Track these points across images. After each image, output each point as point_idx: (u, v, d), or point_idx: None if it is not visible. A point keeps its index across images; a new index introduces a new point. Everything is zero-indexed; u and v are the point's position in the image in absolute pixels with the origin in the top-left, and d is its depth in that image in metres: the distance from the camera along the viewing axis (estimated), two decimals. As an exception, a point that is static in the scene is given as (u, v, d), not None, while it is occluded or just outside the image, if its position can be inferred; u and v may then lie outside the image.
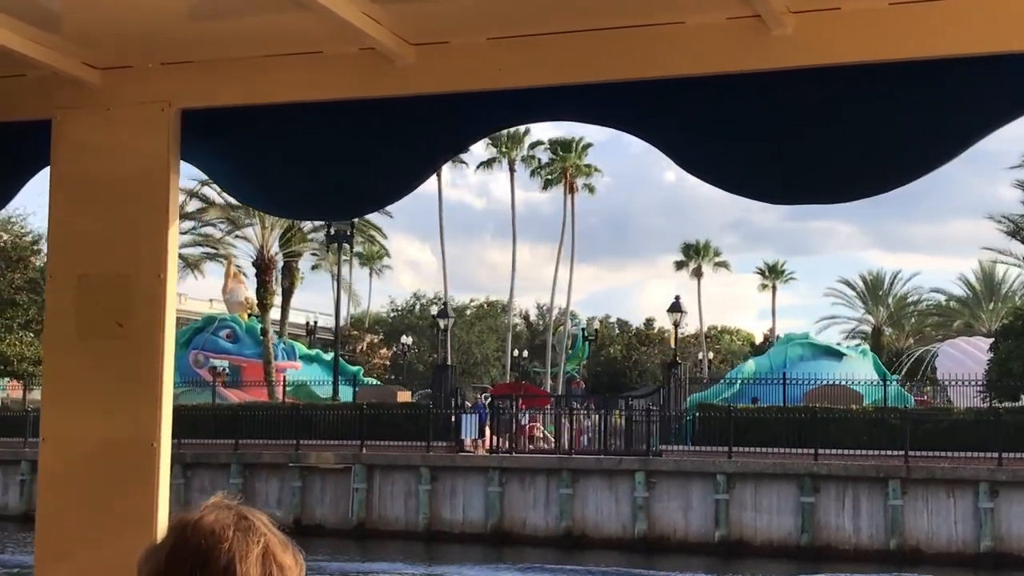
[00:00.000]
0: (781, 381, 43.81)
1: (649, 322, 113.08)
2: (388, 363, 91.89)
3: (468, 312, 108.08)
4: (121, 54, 3.31)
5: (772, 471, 35.58)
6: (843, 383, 43.77)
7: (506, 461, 38.90)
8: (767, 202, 3.08)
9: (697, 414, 41.65)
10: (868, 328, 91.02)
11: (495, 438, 42.38)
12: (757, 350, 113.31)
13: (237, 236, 56.37)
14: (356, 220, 53.18)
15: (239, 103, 3.32)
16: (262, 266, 53.18)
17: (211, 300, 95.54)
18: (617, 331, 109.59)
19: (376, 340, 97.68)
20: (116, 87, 3.36)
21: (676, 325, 49.37)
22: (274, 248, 53.37)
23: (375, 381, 63.96)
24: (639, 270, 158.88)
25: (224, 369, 57.62)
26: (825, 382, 45.75)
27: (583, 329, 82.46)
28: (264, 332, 53.58)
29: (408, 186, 3.29)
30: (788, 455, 36.17)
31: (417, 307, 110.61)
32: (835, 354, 56.71)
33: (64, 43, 3.24)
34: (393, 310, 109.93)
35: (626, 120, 3.11)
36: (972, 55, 2.74)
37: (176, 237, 3.33)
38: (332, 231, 49.26)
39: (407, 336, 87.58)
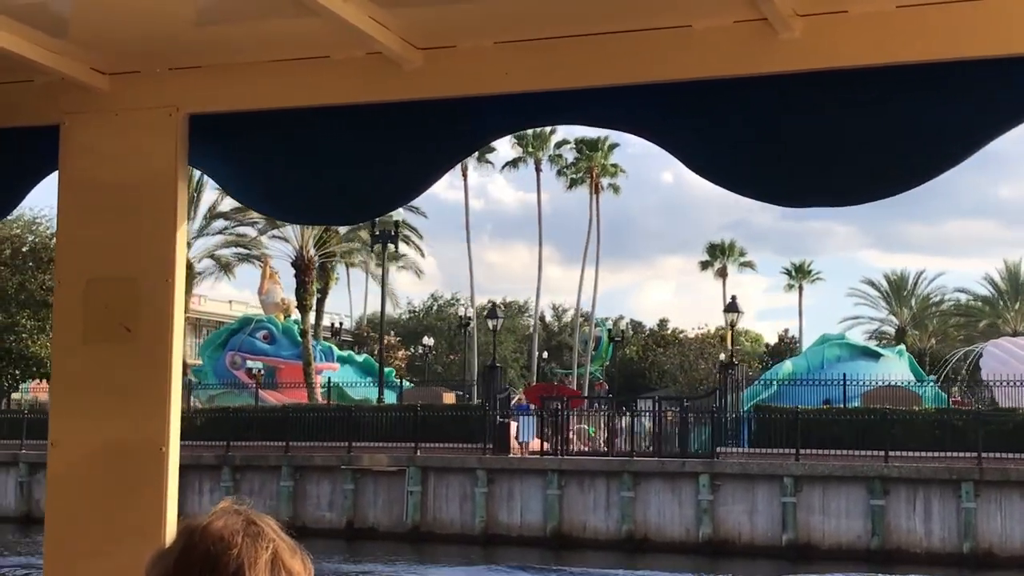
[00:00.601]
0: (840, 382, 43.31)
1: (663, 323, 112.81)
2: (403, 365, 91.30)
3: (484, 312, 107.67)
4: (129, 59, 3.32)
5: (841, 473, 35.11)
6: (899, 384, 43.36)
7: (565, 464, 38.41)
8: (775, 204, 3.09)
9: (753, 415, 41.14)
10: (890, 328, 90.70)
11: (541, 440, 41.93)
12: (773, 351, 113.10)
13: (273, 236, 55.87)
14: (399, 219, 52.71)
15: (246, 108, 3.34)
16: (301, 266, 52.73)
17: (231, 301, 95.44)
18: (632, 332, 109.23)
19: (394, 341, 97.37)
20: (124, 92, 3.37)
21: (732, 326, 49.03)
22: (313, 248, 52.82)
23: (407, 383, 63.49)
24: (637, 271, 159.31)
25: (260, 370, 57.20)
26: (881, 383, 45.38)
27: (609, 330, 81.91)
28: (304, 333, 53.16)
29: (416, 190, 3.33)
30: (855, 457, 35.68)
31: (434, 308, 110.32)
32: (872, 355, 56.44)
33: (72, 48, 3.25)
34: (409, 311, 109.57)
35: (633, 124, 3.11)
36: (979, 58, 2.73)
37: (184, 241, 3.35)
38: (377, 231, 48.72)
39: (428, 337, 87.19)
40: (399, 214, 50.66)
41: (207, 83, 3.33)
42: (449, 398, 49.22)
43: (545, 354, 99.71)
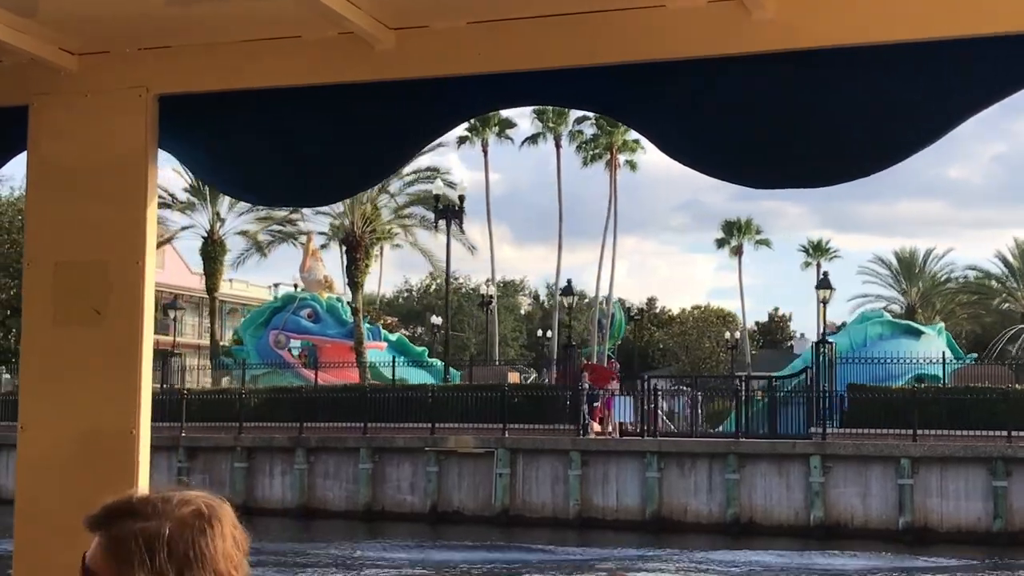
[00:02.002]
0: (887, 360, 42.65)
1: (651, 301, 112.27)
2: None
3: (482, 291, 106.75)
4: (98, 39, 3.29)
5: (962, 454, 34.41)
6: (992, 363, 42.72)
7: (665, 445, 37.52)
8: (748, 186, 3.04)
9: (847, 395, 40.38)
10: (897, 307, 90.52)
11: (619, 422, 41.06)
12: (764, 330, 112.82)
13: (318, 212, 54.50)
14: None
15: (217, 88, 3.28)
16: (352, 243, 51.37)
17: (230, 280, 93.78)
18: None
19: (394, 322, 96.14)
20: (93, 73, 3.34)
21: (824, 303, 48.16)
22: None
23: (437, 362, 62.32)
24: (591, 251, 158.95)
25: (303, 349, 55.91)
26: (926, 362, 44.97)
27: (628, 308, 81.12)
28: (355, 312, 51.89)
29: (388, 170, 3.36)
30: (975, 438, 34.98)
31: (432, 288, 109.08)
32: (914, 332, 56.02)
33: (40, 28, 3.22)
34: (406, 290, 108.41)
35: (607, 105, 3.11)
36: (955, 37, 2.71)
37: (155, 223, 3.30)
38: (440, 206, 47.47)
39: (435, 316, 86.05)
40: (461, 188, 49.33)
41: (177, 63, 3.29)
42: (514, 377, 48.18)
43: (549, 333, 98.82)
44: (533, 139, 77.59)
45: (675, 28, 2.92)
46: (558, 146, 77.21)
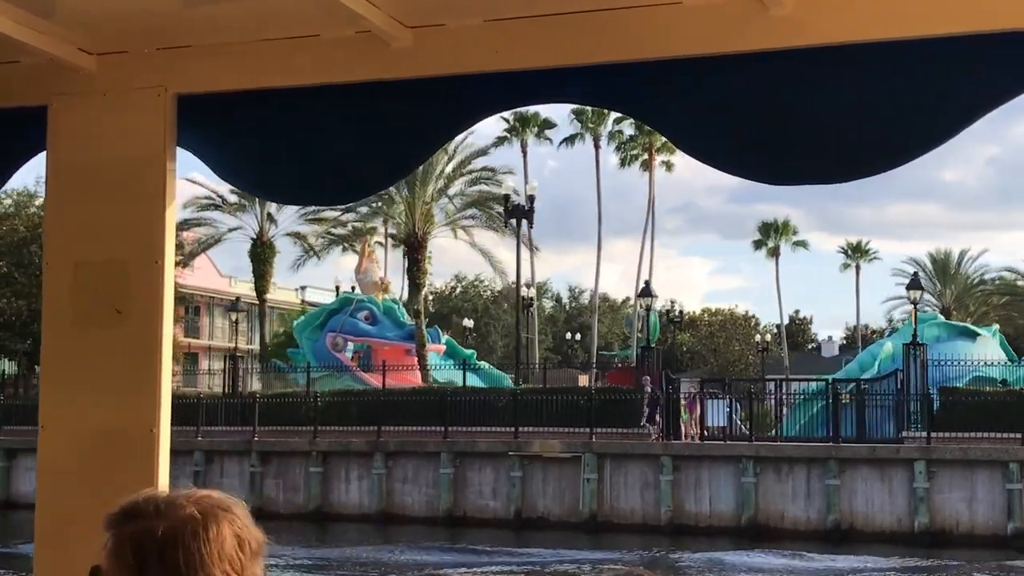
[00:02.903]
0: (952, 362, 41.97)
1: (672, 304, 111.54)
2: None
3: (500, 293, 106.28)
4: (116, 39, 3.30)
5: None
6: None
7: (762, 450, 36.81)
8: (765, 183, 2.98)
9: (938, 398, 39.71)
10: (930, 309, 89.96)
11: (702, 426, 40.36)
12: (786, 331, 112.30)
13: (374, 212, 53.80)
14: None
15: (235, 88, 3.29)
16: (413, 244, 50.67)
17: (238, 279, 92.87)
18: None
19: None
20: (112, 73, 3.34)
21: (915, 303, 47.52)
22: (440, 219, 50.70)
23: (486, 365, 61.59)
24: (584, 254, 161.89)
25: (357, 352, 55.19)
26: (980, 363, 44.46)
27: (668, 311, 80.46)
28: (417, 314, 51.15)
29: (405, 168, 3.36)
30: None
31: (457, 290, 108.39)
32: (970, 334, 55.49)
33: (59, 29, 3.23)
34: (431, 293, 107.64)
35: (623, 102, 3.13)
36: (973, 32, 2.70)
37: (173, 223, 3.29)
38: (510, 205, 46.75)
39: (467, 319, 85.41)
40: (531, 188, 48.59)
41: (196, 63, 3.29)
42: (583, 380, 47.46)
43: (577, 335, 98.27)
44: (571, 140, 77.04)
45: (691, 25, 2.90)
46: (596, 146, 76.66)
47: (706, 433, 40.23)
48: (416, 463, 40.51)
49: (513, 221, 46.77)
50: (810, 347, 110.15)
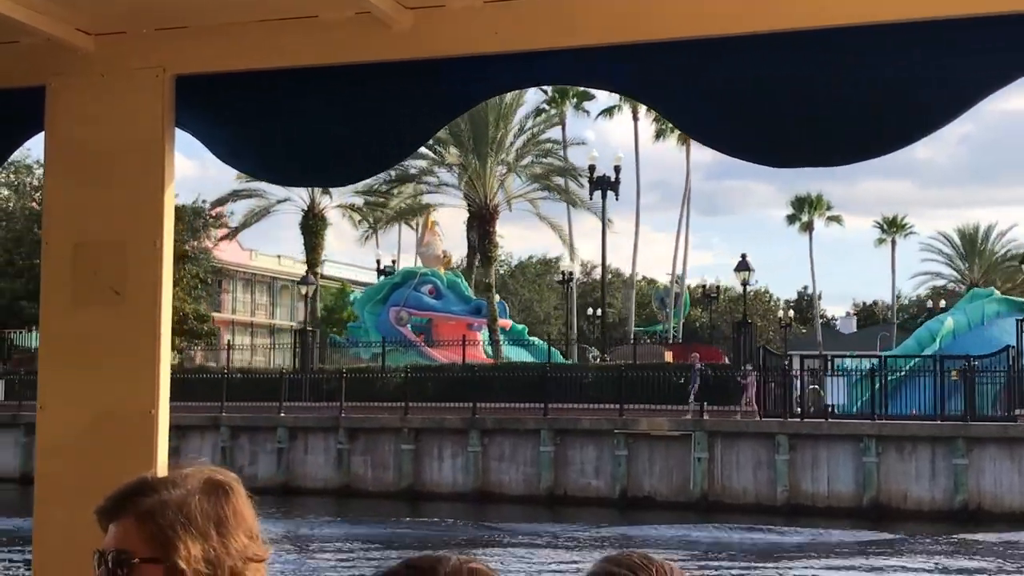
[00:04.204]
0: None
1: (678, 280, 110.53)
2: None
3: (527, 269, 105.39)
4: (115, 20, 3.30)
5: None
6: None
7: (885, 429, 35.91)
8: (766, 165, 2.98)
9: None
10: (955, 286, 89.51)
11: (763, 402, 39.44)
12: (794, 306, 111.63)
13: (442, 185, 52.57)
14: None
15: (234, 69, 3.27)
16: (485, 216, 49.46)
17: (279, 256, 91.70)
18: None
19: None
20: (110, 53, 3.34)
21: None
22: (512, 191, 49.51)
23: (538, 341, 60.56)
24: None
25: (418, 326, 54.04)
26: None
27: (704, 287, 79.59)
28: (489, 288, 50.00)
29: (404, 151, 3.38)
30: None
31: (475, 264, 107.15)
32: (1030, 309, 54.96)
33: (57, 9, 3.23)
34: (447, 269, 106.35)
35: (624, 84, 3.12)
36: (975, 15, 2.69)
37: (172, 204, 3.30)
38: (595, 177, 45.55)
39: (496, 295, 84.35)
40: (616, 159, 47.43)
41: (195, 44, 3.26)
42: (668, 356, 46.50)
43: (599, 311, 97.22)
44: (609, 111, 75.91)
45: (694, 5, 2.90)
46: (635, 118, 75.47)
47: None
48: (514, 441, 39.45)
49: (598, 193, 45.53)
50: (824, 322, 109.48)
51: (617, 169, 46.08)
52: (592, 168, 45.82)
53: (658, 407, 39.59)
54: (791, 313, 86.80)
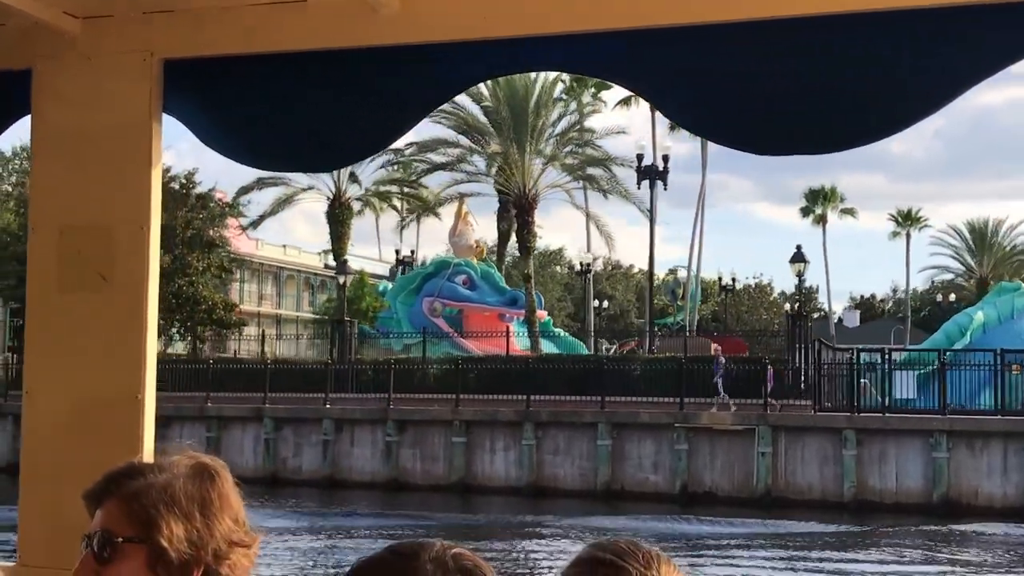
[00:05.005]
0: None
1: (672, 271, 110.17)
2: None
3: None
4: (102, 3, 3.30)
5: None
6: None
7: (957, 424, 35.33)
8: (752, 152, 2.95)
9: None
10: (964, 280, 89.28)
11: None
12: (792, 299, 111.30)
13: (477, 175, 51.72)
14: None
15: (222, 52, 3.26)
16: (524, 205, 48.67)
17: (284, 246, 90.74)
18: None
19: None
20: (97, 36, 3.32)
21: None
22: (545, 181, 48.69)
23: (562, 332, 59.88)
24: (538, 219, 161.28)
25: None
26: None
27: (719, 278, 78.98)
28: (527, 278, 49.21)
29: (392, 136, 3.31)
30: None
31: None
32: (1059, 302, 54.59)
33: None
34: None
35: (614, 70, 3.09)
36: (963, 4, 2.69)
37: (159, 188, 3.30)
38: (642, 166, 44.80)
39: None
40: (664, 148, 46.70)
41: (182, 27, 3.25)
42: (714, 348, 45.84)
43: (605, 303, 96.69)
44: (626, 101, 75.10)
45: None
46: (653, 108, 74.72)
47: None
48: (569, 434, 38.68)
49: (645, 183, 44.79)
50: (815, 316, 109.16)
51: (665, 159, 45.31)
52: (640, 157, 45.02)
53: (705, 400, 38.96)
54: (796, 307, 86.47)
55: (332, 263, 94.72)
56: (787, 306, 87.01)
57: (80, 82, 3.30)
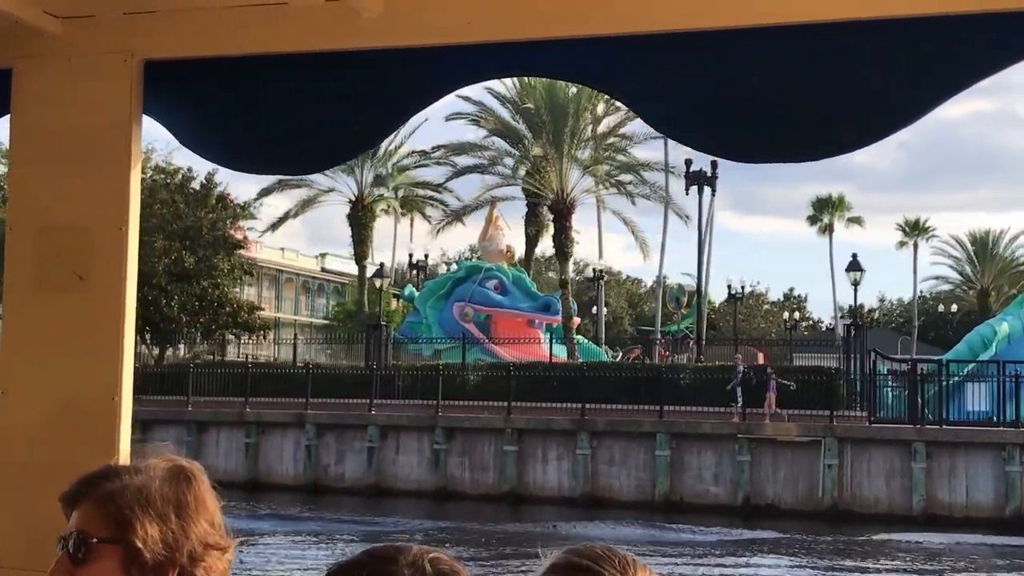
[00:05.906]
0: None
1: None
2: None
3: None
4: (83, 3, 3.28)
5: None
6: None
7: (1032, 437, 34.75)
8: (735, 160, 3.01)
9: None
10: (963, 292, 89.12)
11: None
12: (782, 308, 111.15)
13: (513, 179, 50.86)
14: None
15: (203, 54, 3.24)
16: (560, 210, 47.82)
17: (282, 249, 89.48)
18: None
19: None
20: (77, 37, 3.30)
21: None
22: (580, 186, 47.85)
23: (583, 340, 59.06)
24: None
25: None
26: None
27: (729, 286, 78.26)
28: (565, 284, 48.35)
29: (373, 140, 3.33)
30: None
31: (473, 259, 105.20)
32: (1081, 313, 54.29)
33: None
34: (444, 263, 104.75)
35: (597, 77, 3.11)
36: (947, 13, 2.68)
37: (138, 190, 3.26)
38: (690, 171, 44.02)
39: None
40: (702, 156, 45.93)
41: (163, 29, 3.23)
42: (762, 358, 45.13)
43: (604, 310, 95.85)
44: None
45: (669, 0, 2.86)
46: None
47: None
48: (625, 444, 37.82)
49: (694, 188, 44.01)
50: (804, 326, 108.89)
51: (714, 164, 44.56)
52: (688, 163, 44.24)
53: (757, 410, 38.18)
54: (796, 315, 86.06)
55: (329, 267, 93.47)
56: (785, 315, 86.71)
57: (60, 82, 3.27)
